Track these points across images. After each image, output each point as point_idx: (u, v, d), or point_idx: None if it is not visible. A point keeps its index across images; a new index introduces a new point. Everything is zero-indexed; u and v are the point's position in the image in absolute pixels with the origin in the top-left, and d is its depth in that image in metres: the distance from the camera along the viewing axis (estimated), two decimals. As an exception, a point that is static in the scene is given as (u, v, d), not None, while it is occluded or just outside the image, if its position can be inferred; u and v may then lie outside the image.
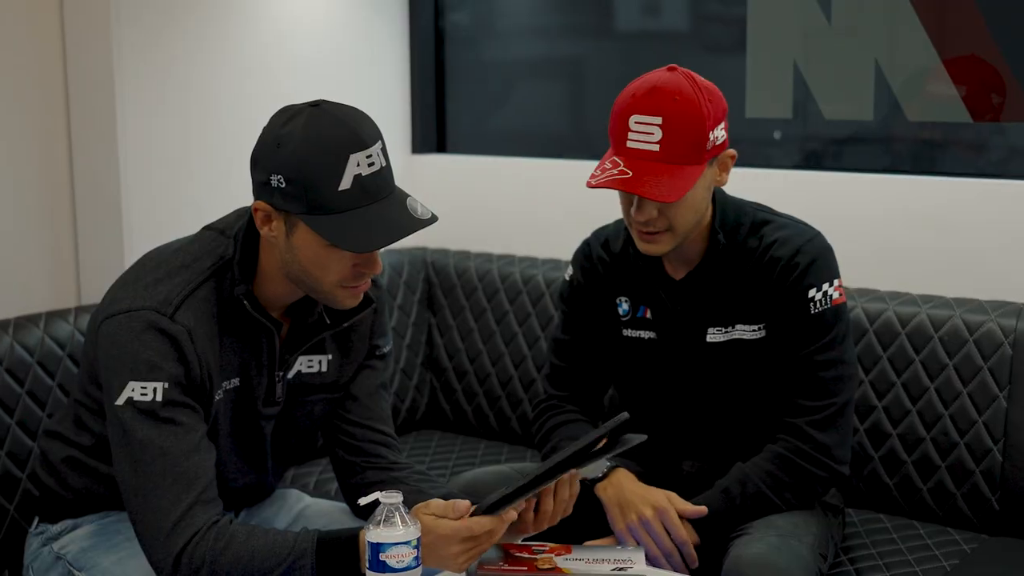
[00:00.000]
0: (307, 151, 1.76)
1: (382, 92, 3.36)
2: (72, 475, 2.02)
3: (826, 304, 2.20)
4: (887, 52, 2.78)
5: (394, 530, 1.69)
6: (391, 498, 1.71)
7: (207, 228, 1.97)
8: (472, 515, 1.79)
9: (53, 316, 2.52)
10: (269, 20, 3.04)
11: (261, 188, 1.82)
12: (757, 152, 2.97)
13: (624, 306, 2.34)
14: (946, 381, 2.50)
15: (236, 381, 1.93)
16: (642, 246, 2.20)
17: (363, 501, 1.80)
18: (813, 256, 2.21)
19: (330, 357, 2.05)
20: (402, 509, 1.70)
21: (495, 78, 3.50)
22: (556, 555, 1.95)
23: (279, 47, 3.09)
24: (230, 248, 1.90)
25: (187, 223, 2.75)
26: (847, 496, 2.44)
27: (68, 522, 2.04)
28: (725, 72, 2.15)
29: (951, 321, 2.51)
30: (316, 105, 1.81)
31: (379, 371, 2.13)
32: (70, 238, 2.83)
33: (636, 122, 2.11)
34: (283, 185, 1.77)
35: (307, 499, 2.21)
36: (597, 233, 2.42)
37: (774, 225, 2.26)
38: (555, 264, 3.08)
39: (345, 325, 2.01)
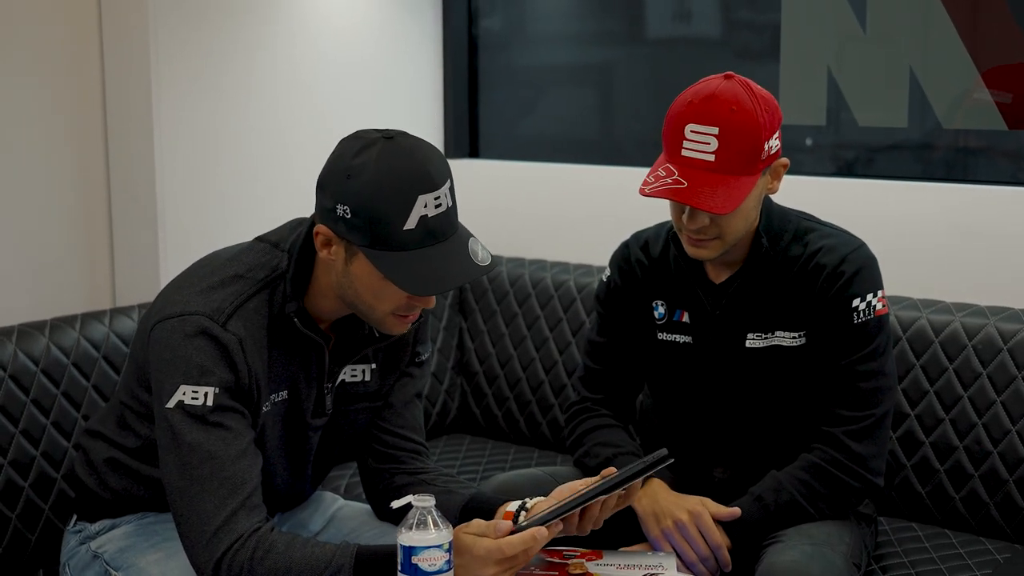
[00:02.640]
0: (377, 187, 1.75)
1: (415, 97, 3.38)
2: (113, 476, 2.03)
3: (869, 315, 2.19)
4: (922, 59, 2.77)
5: (426, 533, 1.69)
6: (424, 501, 1.71)
7: (260, 239, 1.96)
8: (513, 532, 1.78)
9: (88, 318, 2.54)
10: (303, 24, 3.06)
11: (325, 214, 1.81)
12: (790, 159, 2.96)
13: (660, 310, 2.34)
14: (980, 390, 2.48)
15: (284, 394, 1.94)
16: (691, 250, 2.19)
17: (396, 504, 1.80)
18: (858, 266, 2.20)
19: (373, 367, 2.06)
20: (434, 513, 1.71)
21: (527, 84, 3.50)
22: (587, 560, 1.96)
23: (313, 51, 3.10)
24: (283, 262, 1.90)
25: (222, 226, 2.78)
26: (879, 505, 2.43)
27: (106, 522, 2.05)
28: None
29: (985, 330, 2.50)
30: (390, 138, 1.80)
31: (417, 379, 2.14)
32: (105, 240, 2.86)
33: (692, 131, 2.09)
34: (348, 216, 1.77)
35: (341, 501, 2.23)
36: (637, 236, 2.42)
37: (819, 233, 2.25)
38: (586, 269, 3.08)
39: (389, 340, 2.01)
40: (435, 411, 3.19)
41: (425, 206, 1.76)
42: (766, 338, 2.24)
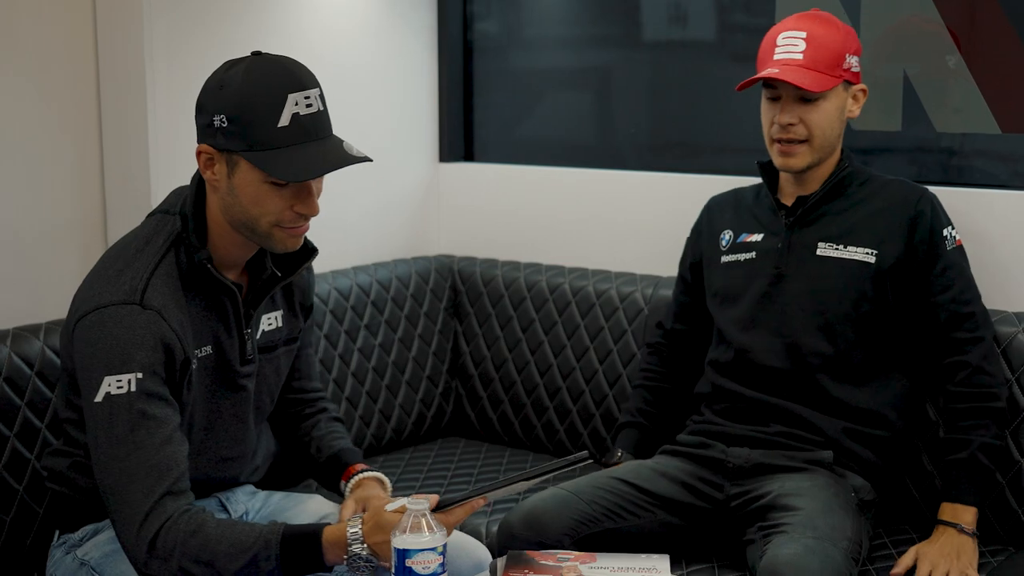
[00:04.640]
0: (247, 90, 1.86)
1: (410, 100, 3.38)
2: (81, 477, 2.06)
3: (953, 243, 2.44)
4: (916, 63, 2.78)
5: (420, 536, 1.71)
6: (418, 505, 1.72)
7: (150, 214, 2.05)
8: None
9: (83, 321, 2.53)
10: (299, 28, 3.06)
11: (204, 131, 1.91)
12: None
13: (726, 237, 2.56)
14: (974, 393, 2.48)
15: (209, 348, 2.00)
16: (780, 160, 2.42)
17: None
18: (934, 203, 2.46)
19: (281, 312, 2.15)
20: (428, 516, 1.72)
21: (522, 87, 3.51)
22: (581, 563, 1.96)
23: (309, 55, 3.07)
24: (178, 223, 1.98)
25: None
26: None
27: (89, 528, 2.08)
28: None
29: (979, 333, 2.50)
30: (258, 54, 1.92)
31: (310, 329, 2.29)
32: (100, 243, 2.86)
33: (784, 38, 2.42)
34: (225, 124, 1.87)
35: (331, 507, 2.23)
36: (714, 196, 2.68)
37: (888, 178, 2.51)
38: (581, 273, 3.08)
39: (293, 277, 2.10)
40: (430, 414, 3.20)
41: (296, 104, 1.87)
42: (838, 249, 2.42)
